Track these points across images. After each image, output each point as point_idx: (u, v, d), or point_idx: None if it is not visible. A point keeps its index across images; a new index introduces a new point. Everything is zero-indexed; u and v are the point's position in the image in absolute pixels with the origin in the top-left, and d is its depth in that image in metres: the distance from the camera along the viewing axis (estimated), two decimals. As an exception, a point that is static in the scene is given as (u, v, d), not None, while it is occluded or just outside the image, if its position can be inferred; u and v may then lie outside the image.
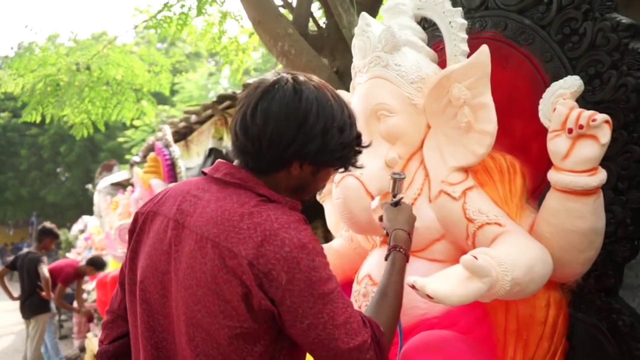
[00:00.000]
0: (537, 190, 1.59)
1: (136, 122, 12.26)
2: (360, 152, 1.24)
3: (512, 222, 1.47)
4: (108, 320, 1.34)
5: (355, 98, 1.70)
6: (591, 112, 1.33)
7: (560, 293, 1.52)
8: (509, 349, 1.49)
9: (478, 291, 1.15)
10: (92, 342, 5.36)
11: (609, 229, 1.46)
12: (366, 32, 1.66)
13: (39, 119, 5.37)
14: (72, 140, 17.37)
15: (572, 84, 1.40)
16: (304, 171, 1.17)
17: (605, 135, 1.31)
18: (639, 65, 1.42)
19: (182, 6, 3.93)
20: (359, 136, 1.22)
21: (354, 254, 1.89)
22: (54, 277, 5.91)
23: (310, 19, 3.22)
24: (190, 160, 6.23)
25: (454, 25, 1.63)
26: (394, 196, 1.49)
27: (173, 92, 15.89)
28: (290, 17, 3.16)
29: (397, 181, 1.48)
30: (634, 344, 1.44)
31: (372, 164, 1.59)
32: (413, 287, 1.18)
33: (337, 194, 1.61)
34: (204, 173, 1.23)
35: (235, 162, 1.21)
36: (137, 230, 1.24)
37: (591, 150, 1.32)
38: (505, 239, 1.39)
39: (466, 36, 1.62)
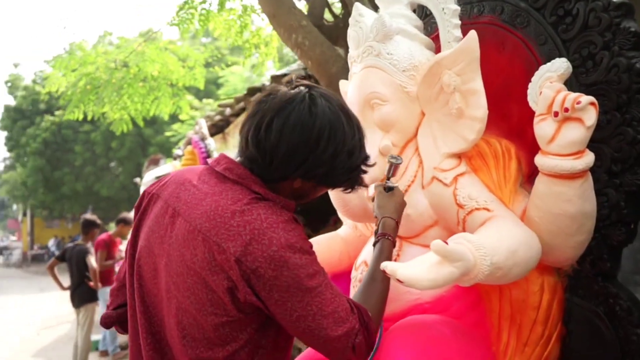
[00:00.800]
0: (533, 175, 1.56)
1: (183, 117, 12.58)
2: (366, 172, 1.27)
3: (502, 207, 1.47)
4: (114, 288, 1.44)
5: (350, 88, 1.72)
6: (577, 94, 1.31)
7: (556, 278, 1.51)
8: (503, 334, 1.50)
9: (450, 275, 1.16)
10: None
11: (602, 212, 1.44)
12: (359, 22, 1.68)
13: (81, 117, 5.60)
14: (123, 136, 17.92)
15: (560, 66, 1.38)
16: (304, 185, 1.22)
17: (590, 117, 1.29)
18: (630, 44, 1.39)
19: (204, 1, 4.02)
20: (366, 158, 1.25)
21: (358, 241, 1.91)
22: (95, 250, 6.21)
23: (327, 9, 3.25)
24: (228, 151, 6.37)
25: (446, 12, 1.62)
26: (388, 179, 1.51)
27: (218, 86, 16.14)
28: (306, 8, 3.19)
29: (393, 165, 1.49)
30: (631, 328, 1.42)
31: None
32: (384, 271, 1.20)
33: (331, 183, 1.65)
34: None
35: (238, 159, 1.25)
36: (141, 209, 1.31)
37: (577, 133, 1.31)
38: (491, 224, 1.40)
39: (459, 22, 1.62)
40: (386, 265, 1.19)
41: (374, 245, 1.38)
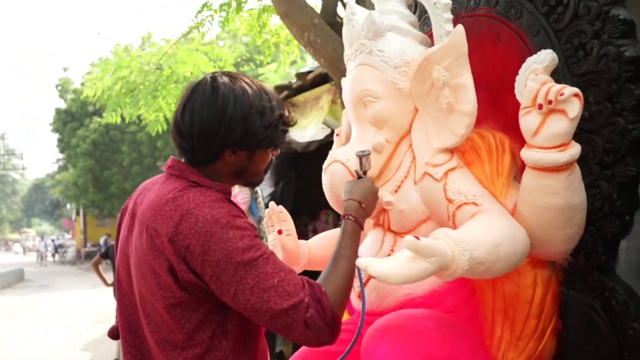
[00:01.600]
0: (528, 168, 1.56)
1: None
2: (287, 131, 1.36)
3: (491, 201, 1.46)
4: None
5: (345, 86, 1.74)
6: (560, 86, 1.30)
7: (549, 271, 1.49)
8: (496, 327, 1.50)
9: (424, 270, 1.17)
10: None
11: (595, 204, 1.42)
12: (351, 20, 1.69)
13: (119, 120, 5.80)
14: (168, 136, 18.29)
15: (545, 58, 1.37)
16: (238, 157, 1.30)
17: (574, 109, 1.27)
18: (619, 32, 1.36)
19: (222, 5, 4.08)
20: (282, 116, 1.33)
21: (362, 236, 1.93)
22: None
23: (341, 5, 3.26)
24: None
25: (438, 6, 1.62)
26: (364, 173, 1.53)
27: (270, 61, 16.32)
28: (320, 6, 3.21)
29: (362, 158, 1.53)
30: (627, 322, 1.40)
31: (360, 149, 1.64)
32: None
33: (325, 180, 1.67)
34: None
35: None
36: (119, 223, 1.43)
37: (560, 125, 1.29)
38: (476, 219, 1.40)
39: (451, 16, 1.61)
40: (359, 261, 1.21)
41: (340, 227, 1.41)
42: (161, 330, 1.22)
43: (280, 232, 1.85)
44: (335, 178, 1.63)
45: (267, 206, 5.90)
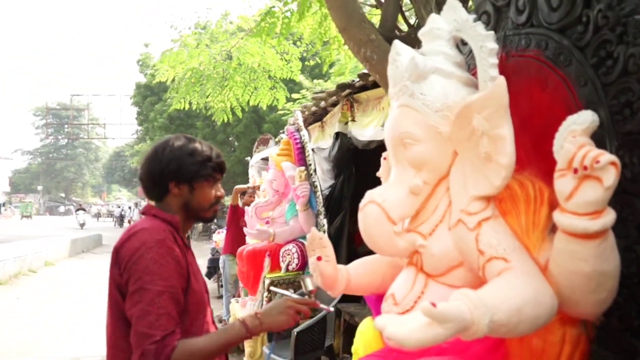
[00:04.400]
0: (566, 221, 1.53)
1: (295, 96, 12.95)
2: (218, 167, 1.77)
3: (522, 257, 1.45)
4: None
5: (386, 125, 1.76)
6: (598, 152, 1.27)
7: (580, 329, 1.47)
8: (522, 380, 1.50)
9: (438, 336, 1.19)
10: (234, 307, 5.95)
11: (631, 269, 1.39)
12: (396, 60, 1.71)
13: (187, 107, 6.03)
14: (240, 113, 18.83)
15: (585, 119, 1.33)
16: (182, 190, 1.72)
17: (609, 178, 1.24)
18: (667, 97, 1.31)
19: (285, 12, 4.12)
20: (210, 157, 1.75)
21: (401, 265, 1.96)
22: None
23: (402, 18, 3.21)
24: (324, 141, 6.50)
25: (484, 50, 1.60)
26: (309, 293, 1.95)
27: (330, 65, 16.40)
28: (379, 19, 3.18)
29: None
30: (655, 391, 1.37)
31: (397, 191, 1.66)
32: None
33: (360, 220, 1.71)
34: None
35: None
36: None
37: (594, 193, 1.26)
38: (502, 278, 1.39)
39: (496, 61, 1.59)
40: (377, 321, 1.25)
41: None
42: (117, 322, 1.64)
43: (319, 258, 1.91)
44: (369, 220, 1.65)
45: (325, 198, 5.89)
